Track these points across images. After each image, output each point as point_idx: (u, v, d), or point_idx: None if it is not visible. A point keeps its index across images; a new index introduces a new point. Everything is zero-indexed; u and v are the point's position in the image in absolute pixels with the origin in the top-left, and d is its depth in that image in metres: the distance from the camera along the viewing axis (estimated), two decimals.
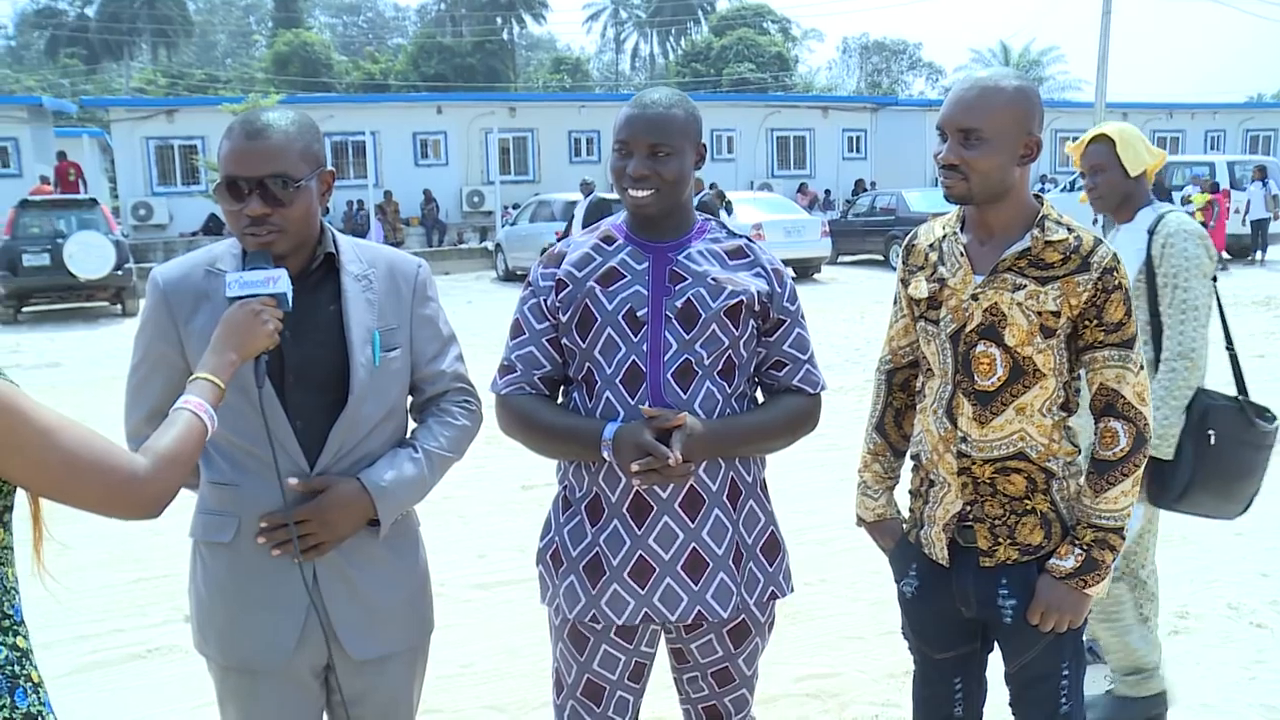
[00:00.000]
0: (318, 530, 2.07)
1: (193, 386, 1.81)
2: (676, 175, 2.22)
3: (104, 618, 4.63)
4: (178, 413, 1.73)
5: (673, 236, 2.29)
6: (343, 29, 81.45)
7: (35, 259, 15.64)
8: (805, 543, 5.08)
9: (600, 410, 2.24)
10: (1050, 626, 2.25)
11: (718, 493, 2.26)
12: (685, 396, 2.22)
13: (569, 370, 2.32)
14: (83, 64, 61.55)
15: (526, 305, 2.33)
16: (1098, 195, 3.44)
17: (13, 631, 1.54)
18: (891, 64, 73.83)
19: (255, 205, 2.01)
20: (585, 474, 2.29)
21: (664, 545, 2.23)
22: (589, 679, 2.33)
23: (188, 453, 1.68)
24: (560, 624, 2.36)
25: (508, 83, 56.98)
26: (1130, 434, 2.22)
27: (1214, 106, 39.72)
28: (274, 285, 1.99)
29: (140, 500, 1.57)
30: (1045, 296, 2.21)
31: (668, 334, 2.22)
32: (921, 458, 2.42)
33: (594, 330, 2.25)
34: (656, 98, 2.25)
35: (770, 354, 2.33)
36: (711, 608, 2.25)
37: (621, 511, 2.25)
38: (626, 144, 2.22)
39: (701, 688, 2.41)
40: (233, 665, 2.18)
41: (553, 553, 2.35)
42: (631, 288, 2.25)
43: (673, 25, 69.98)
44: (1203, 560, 5.08)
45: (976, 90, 2.22)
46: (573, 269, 2.29)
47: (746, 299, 2.25)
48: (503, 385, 2.31)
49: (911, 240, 2.49)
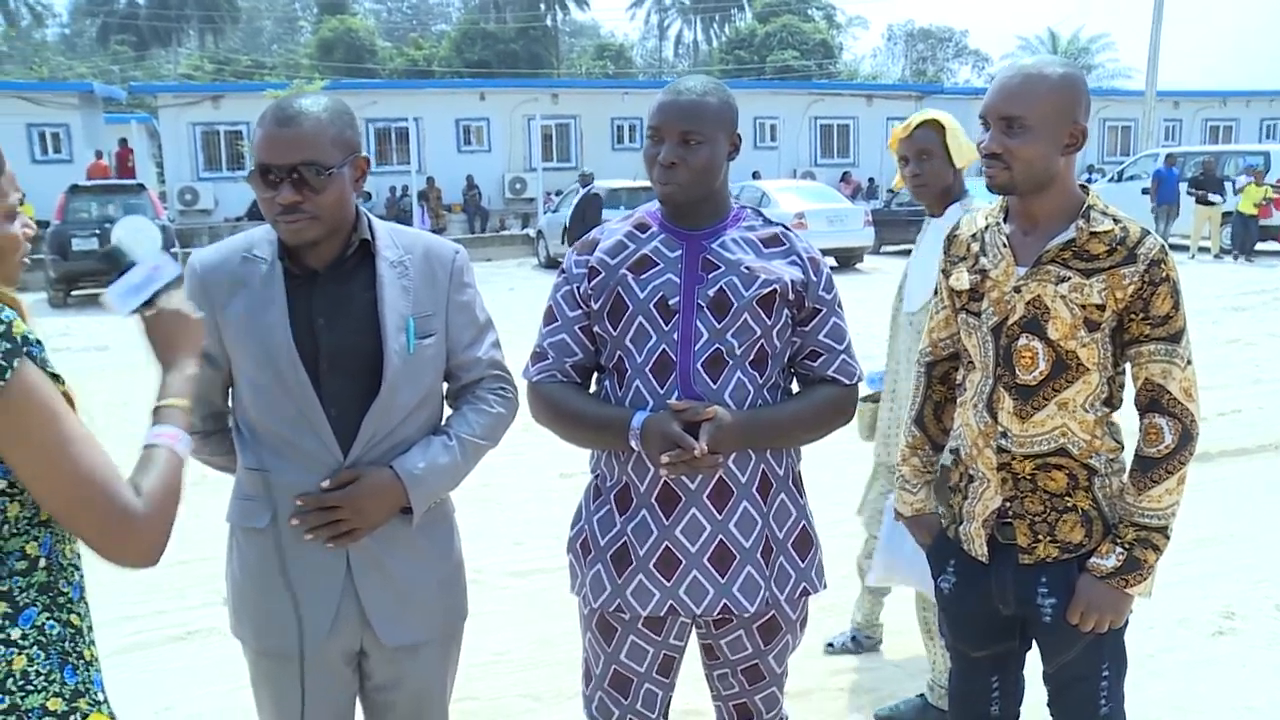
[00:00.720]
0: (351, 517, 2.08)
1: (160, 416, 1.67)
2: (707, 163, 2.19)
3: (147, 599, 4.69)
4: (153, 451, 1.60)
5: (707, 224, 2.27)
6: (387, 15, 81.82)
7: (84, 243, 15.88)
8: (840, 535, 5.04)
9: (630, 399, 2.22)
10: (1090, 626, 2.21)
11: (747, 485, 2.24)
12: (715, 386, 2.19)
13: (600, 358, 2.31)
14: (132, 50, 62.38)
15: (559, 292, 2.32)
16: (921, 183, 3.31)
17: (67, 609, 1.56)
18: (937, 52, 73.05)
19: (287, 193, 2.01)
20: (616, 463, 2.28)
21: (691, 537, 2.21)
22: (616, 670, 2.33)
23: (174, 489, 1.58)
24: (589, 614, 2.35)
25: (551, 69, 57.00)
26: (1176, 431, 2.17)
27: (1270, 94, 38.83)
28: (160, 273, 1.80)
29: (136, 546, 1.51)
30: (1090, 289, 2.16)
31: (699, 323, 2.20)
32: (960, 452, 2.38)
33: (625, 318, 2.23)
34: (691, 85, 2.22)
35: (805, 343, 2.30)
36: (738, 601, 2.23)
37: (650, 502, 2.23)
38: (659, 130, 2.20)
39: (732, 684, 2.39)
40: (266, 650, 2.20)
41: (582, 542, 2.35)
42: (664, 275, 2.23)
43: (716, 12, 69.66)
44: (1250, 559, 4.98)
45: (1020, 77, 2.17)
46: (605, 256, 2.27)
47: (780, 287, 2.22)
48: (535, 373, 2.31)
49: (954, 231, 2.44)
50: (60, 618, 1.54)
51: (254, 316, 2.08)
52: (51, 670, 1.50)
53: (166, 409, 1.68)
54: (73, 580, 1.58)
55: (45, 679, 1.49)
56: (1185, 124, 36.29)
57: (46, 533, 1.53)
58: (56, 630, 1.53)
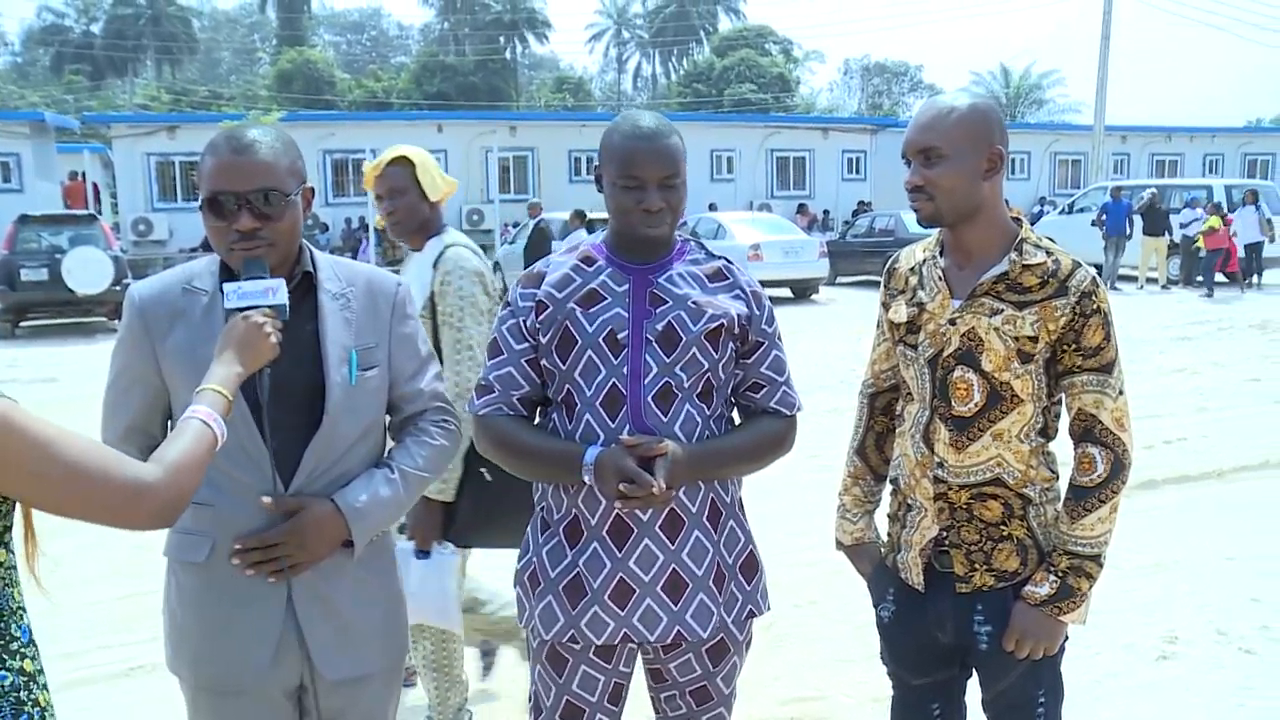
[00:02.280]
0: (293, 552, 2.07)
1: (201, 397, 1.80)
2: (681, 202, 2.24)
3: (90, 634, 4.61)
4: (187, 422, 1.73)
5: (654, 258, 2.29)
6: (346, 47, 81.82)
7: (34, 274, 15.65)
8: (795, 565, 5.07)
9: (580, 432, 2.22)
10: (1025, 653, 2.24)
11: (698, 514, 2.26)
12: (666, 419, 2.21)
13: (548, 391, 2.31)
14: (87, 80, 61.81)
15: (505, 325, 2.32)
16: (396, 220, 3.35)
17: (20, 655, 1.53)
18: (893, 85, 74.12)
19: (246, 220, 2.01)
20: (564, 496, 2.28)
21: (644, 567, 2.22)
22: (568, 700, 2.32)
23: (199, 461, 1.68)
24: (539, 645, 2.34)
25: (510, 102, 57.17)
26: (1108, 460, 2.21)
27: (1212, 131, 39.87)
28: (274, 296, 1.99)
29: (151, 509, 1.56)
30: (1023, 321, 2.20)
31: (648, 357, 2.21)
32: (899, 482, 2.41)
33: (574, 352, 2.23)
34: (654, 127, 2.21)
35: (748, 375, 2.33)
36: (691, 628, 2.25)
37: (601, 534, 2.23)
38: (639, 178, 2.18)
39: (680, 706, 2.40)
40: (205, 685, 2.17)
41: (530, 574, 2.34)
42: (612, 310, 2.24)
43: (675, 46, 70.30)
44: (1192, 585, 5.06)
45: (932, 111, 2.25)
46: (553, 290, 2.27)
47: (727, 322, 2.24)
48: (480, 405, 2.30)
49: (893, 264, 2.49)
50: (12, 665, 1.51)
51: (194, 348, 2.06)
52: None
53: (209, 391, 1.83)
54: (21, 623, 1.55)
55: None
56: (1133, 158, 37.08)
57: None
58: (9, 680, 1.50)
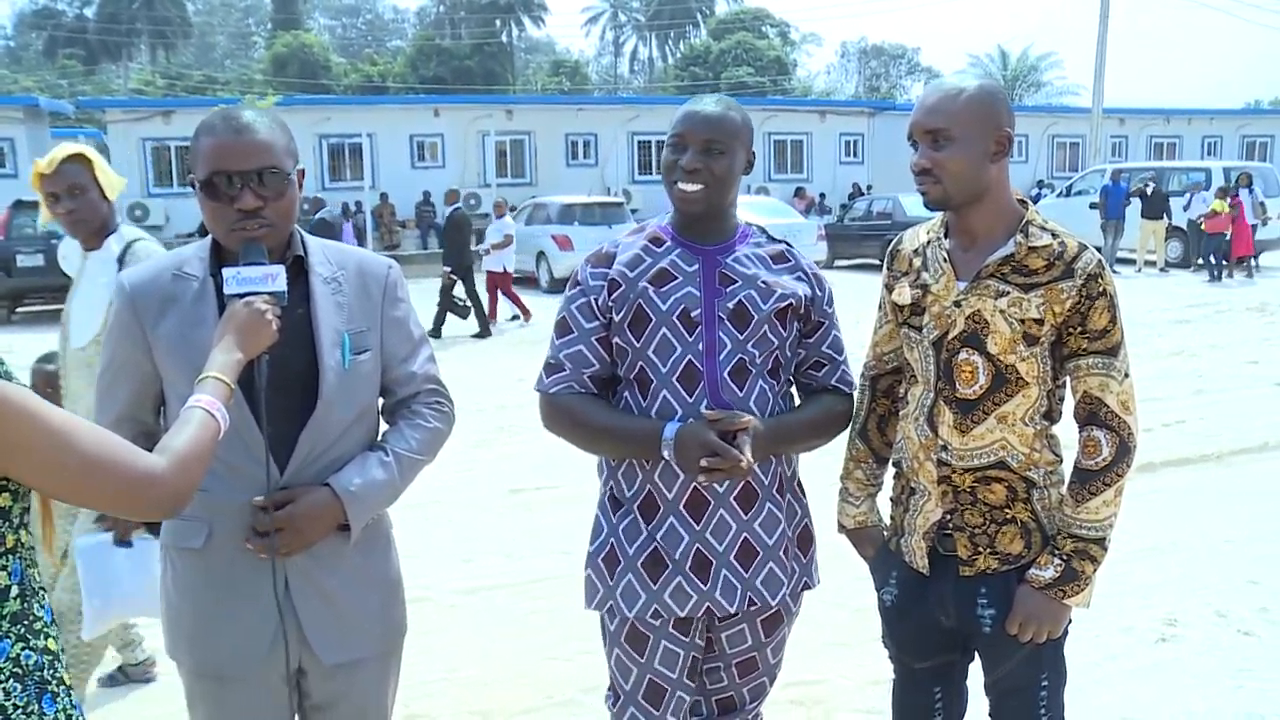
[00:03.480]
0: (288, 538, 2.05)
1: (203, 385, 1.79)
2: (726, 173, 2.27)
3: None
4: (191, 411, 1.72)
5: (719, 240, 2.34)
6: (342, 31, 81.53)
7: (29, 259, 15.61)
8: None
9: (657, 409, 2.27)
10: (1029, 637, 2.23)
11: (769, 486, 2.33)
12: (741, 394, 2.26)
13: (618, 370, 2.34)
14: (81, 65, 61.50)
15: (575, 304, 2.34)
16: (79, 219, 3.27)
17: (44, 634, 1.54)
18: (890, 68, 73.96)
19: (248, 199, 1.99)
20: (638, 473, 2.32)
21: (719, 538, 2.28)
22: (651, 680, 2.36)
23: (204, 450, 1.67)
24: (617, 627, 2.36)
25: (506, 85, 56.97)
26: (1114, 443, 2.19)
27: (1211, 113, 39.77)
28: (273, 282, 1.98)
29: (159, 498, 1.56)
30: (1028, 304, 2.18)
31: (721, 334, 2.27)
32: (903, 465, 2.40)
33: (649, 330, 2.28)
34: (714, 99, 2.33)
35: (810, 354, 2.42)
36: (762, 595, 2.32)
37: (679, 509, 2.28)
38: (682, 138, 2.27)
39: (721, 679, 2.46)
40: (202, 670, 2.16)
41: (606, 554, 2.36)
42: (684, 289, 2.28)
43: (671, 29, 70.05)
44: (1191, 568, 5.06)
45: (939, 94, 2.22)
46: (625, 269, 2.32)
47: (794, 302, 2.33)
48: (550, 384, 2.34)
49: (896, 245, 2.47)
50: (36, 645, 1.51)
51: (186, 334, 2.05)
52: (30, 702, 1.48)
53: (211, 380, 1.81)
54: (44, 603, 1.56)
55: (24, 712, 1.46)
56: (1131, 140, 37.01)
57: (15, 559, 1.51)
58: (33, 660, 1.50)
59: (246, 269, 1.98)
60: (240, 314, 1.92)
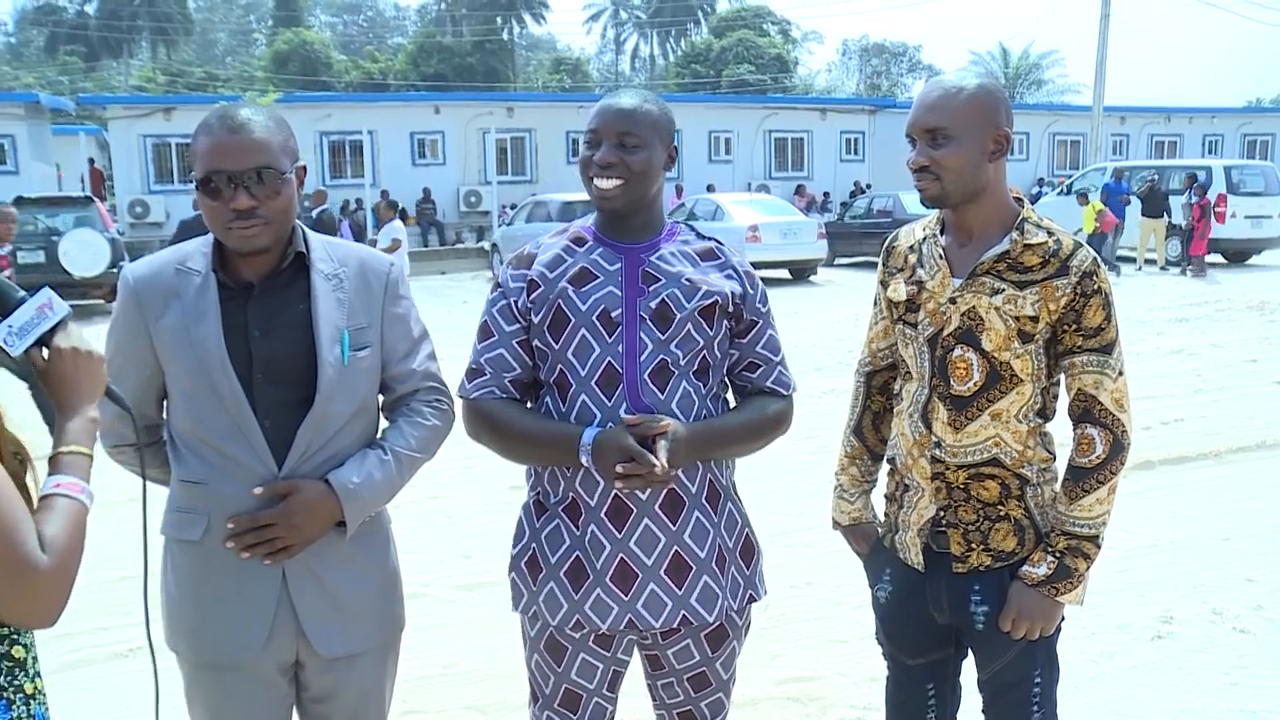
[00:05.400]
0: (285, 534, 2.06)
1: (61, 464, 1.55)
2: (644, 168, 2.20)
3: (87, 616, 4.60)
4: (55, 499, 1.49)
5: (644, 237, 2.27)
6: (343, 28, 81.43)
7: (30, 256, 15.57)
8: (792, 545, 5.06)
9: (575, 413, 2.20)
10: (1022, 633, 2.24)
11: (697, 495, 2.23)
12: (663, 397, 2.18)
13: (539, 373, 2.29)
14: (82, 61, 61.47)
15: (495, 307, 2.29)
16: None
17: (9, 641, 1.50)
18: (891, 66, 73.84)
19: (244, 198, 2.00)
20: (560, 478, 2.25)
21: (646, 549, 2.19)
22: (567, 689, 2.31)
23: (78, 544, 1.49)
24: (537, 633, 2.32)
25: (507, 83, 56.94)
26: (1107, 441, 2.20)
27: (1212, 111, 39.72)
28: (52, 311, 1.68)
29: (37, 597, 1.40)
30: (1023, 301, 2.20)
31: (643, 334, 2.19)
32: (897, 462, 2.41)
33: (567, 331, 2.21)
34: (631, 92, 2.28)
35: (743, 355, 2.31)
36: (697, 612, 2.22)
37: (600, 516, 2.21)
38: (596, 133, 2.22)
39: (677, 693, 2.38)
40: (201, 662, 2.18)
41: (529, 559, 2.30)
42: (605, 288, 2.22)
43: (673, 26, 69.98)
44: (1188, 565, 5.07)
45: (939, 91, 2.22)
46: (544, 270, 2.25)
47: (721, 299, 2.23)
48: (471, 389, 2.27)
49: (891, 242, 2.48)
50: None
51: (188, 328, 2.06)
52: None
53: (68, 456, 1.56)
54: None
55: None
56: (1132, 139, 36.99)
57: None
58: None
59: (17, 315, 1.66)
60: (60, 370, 1.65)
